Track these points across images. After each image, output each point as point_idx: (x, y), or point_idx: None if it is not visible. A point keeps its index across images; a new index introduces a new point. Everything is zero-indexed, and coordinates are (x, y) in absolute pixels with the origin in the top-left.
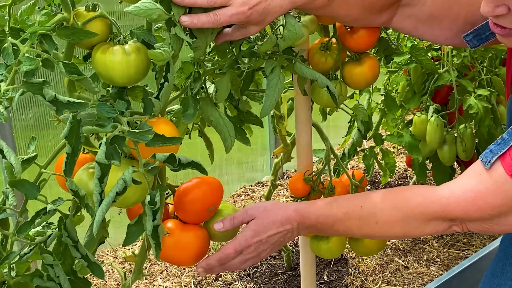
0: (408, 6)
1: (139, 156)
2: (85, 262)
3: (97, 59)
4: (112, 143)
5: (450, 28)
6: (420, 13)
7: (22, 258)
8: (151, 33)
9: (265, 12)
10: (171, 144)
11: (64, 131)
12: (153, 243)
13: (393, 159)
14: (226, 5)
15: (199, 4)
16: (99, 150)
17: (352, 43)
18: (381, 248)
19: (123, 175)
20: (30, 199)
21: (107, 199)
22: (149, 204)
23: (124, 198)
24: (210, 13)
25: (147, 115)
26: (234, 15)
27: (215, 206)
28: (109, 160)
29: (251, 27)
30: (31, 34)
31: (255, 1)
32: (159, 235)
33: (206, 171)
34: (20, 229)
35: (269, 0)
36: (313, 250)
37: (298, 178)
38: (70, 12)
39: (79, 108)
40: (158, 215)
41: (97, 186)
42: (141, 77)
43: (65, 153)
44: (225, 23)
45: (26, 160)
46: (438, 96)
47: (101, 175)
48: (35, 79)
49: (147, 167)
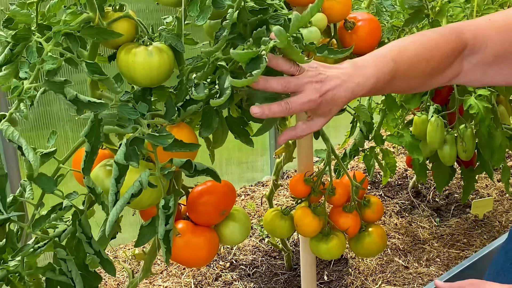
0: (472, 55)
1: (156, 160)
2: (98, 258)
3: (120, 59)
4: (131, 145)
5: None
6: (484, 57)
7: (35, 251)
8: (179, 39)
9: (332, 101)
10: (188, 150)
11: (85, 130)
12: (164, 247)
13: (394, 159)
14: (298, 91)
15: (273, 89)
16: (118, 151)
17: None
18: (380, 250)
19: (140, 177)
20: (47, 193)
21: (122, 200)
22: (163, 208)
23: (139, 200)
24: (282, 102)
25: (167, 120)
26: (305, 103)
27: (227, 210)
28: (128, 161)
29: (317, 120)
30: (55, 33)
31: (325, 88)
32: (170, 240)
33: (220, 179)
34: (36, 222)
35: (336, 90)
36: (313, 251)
37: (298, 179)
38: (95, 11)
39: (99, 108)
40: (171, 219)
41: (113, 186)
42: (163, 79)
43: (84, 150)
44: (296, 112)
45: (45, 154)
46: (439, 96)
47: (119, 175)
48: (57, 78)
49: (164, 171)
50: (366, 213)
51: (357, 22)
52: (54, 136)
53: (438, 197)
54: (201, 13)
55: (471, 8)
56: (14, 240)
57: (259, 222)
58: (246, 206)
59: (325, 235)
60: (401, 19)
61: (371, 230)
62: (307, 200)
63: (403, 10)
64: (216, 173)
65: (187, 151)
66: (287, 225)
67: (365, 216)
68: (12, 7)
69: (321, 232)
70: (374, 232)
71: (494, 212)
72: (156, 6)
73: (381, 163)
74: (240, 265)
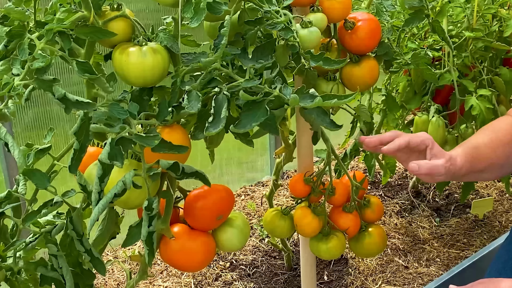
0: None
1: (142, 161)
2: (88, 257)
3: (115, 59)
4: (117, 144)
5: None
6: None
7: (27, 246)
8: (175, 40)
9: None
10: (177, 152)
11: (74, 127)
12: (147, 249)
13: (393, 159)
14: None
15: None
16: (103, 150)
17: (352, 44)
18: (380, 250)
19: (124, 177)
20: (40, 189)
21: (104, 199)
22: (146, 209)
23: (127, 200)
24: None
25: (159, 121)
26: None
27: (224, 215)
28: (112, 161)
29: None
30: (47, 30)
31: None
32: (154, 242)
33: (210, 183)
34: (27, 217)
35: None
36: (313, 251)
37: (298, 179)
38: (90, 10)
39: (87, 108)
40: (154, 221)
41: (97, 185)
42: (157, 80)
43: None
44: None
45: (40, 150)
46: (439, 96)
47: (102, 174)
48: (46, 76)
49: (150, 172)
50: (366, 213)
51: (357, 22)
52: (51, 133)
53: (438, 197)
54: (195, 15)
55: (471, 8)
56: (7, 235)
57: (259, 222)
58: (246, 206)
59: (325, 235)
60: (401, 19)
61: (371, 230)
62: (307, 200)
63: (403, 10)
64: (206, 176)
65: (175, 153)
66: (287, 225)
67: (365, 216)
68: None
69: (321, 232)
70: (374, 232)
71: (494, 212)
72: (156, 7)
73: (382, 163)
74: (240, 265)
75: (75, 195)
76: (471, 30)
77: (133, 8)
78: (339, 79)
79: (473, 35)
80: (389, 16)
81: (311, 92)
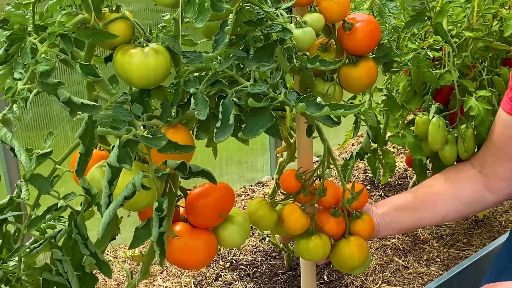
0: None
1: (150, 162)
2: (94, 260)
3: (116, 61)
4: (125, 147)
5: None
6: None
7: (32, 251)
8: (176, 40)
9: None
10: (183, 152)
11: (79, 131)
12: (158, 250)
13: (393, 159)
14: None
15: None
16: (111, 153)
17: (350, 45)
18: (356, 264)
19: (133, 179)
20: (43, 194)
21: (115, 202)
22: (156, 210)
23: (134, 202)
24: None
25: (162, 121)
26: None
27: (226, 213)
28: (121, 163)
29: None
30: (50, 34)
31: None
32: (164, 242)
33: (216, 181)
34: (31, 223)
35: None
36: (295, 250)
37: (290, 173)
38: (91, 12)
39: (93, 111)
40: (165, 222)
41: (106, 188)
42: (160, 80)
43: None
44: None
45: (42, 155)
46: (439, 96)
47: (111, 177)
48: (51, 79)
49: (158, 173)
50: (355, 226)
51: (356, 23)
52: (51, 137)
53: None
54: (199, 15)
55: (472, 8)
56: (11, 241)
57: None
58: (246, 206)
59: (309, 235)
60: (401, 19)
61: (351, 238)
62: (294, 198)
63: (403, 10)
64: (212, 175)
65: (182, 152)
66: (275, 217)
67: (352, 229)
68: (7, 8)
69: (306, 231)
70: (353, 241)
71: (494, 212)
72: (156, 7)
73: (382, 162)
74: (240, 265)
75: (75, 198)
76: (471, 30)
77: (133, 9)
78: (336, 80)
79: (473, 35)
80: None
81: (318, 101)
